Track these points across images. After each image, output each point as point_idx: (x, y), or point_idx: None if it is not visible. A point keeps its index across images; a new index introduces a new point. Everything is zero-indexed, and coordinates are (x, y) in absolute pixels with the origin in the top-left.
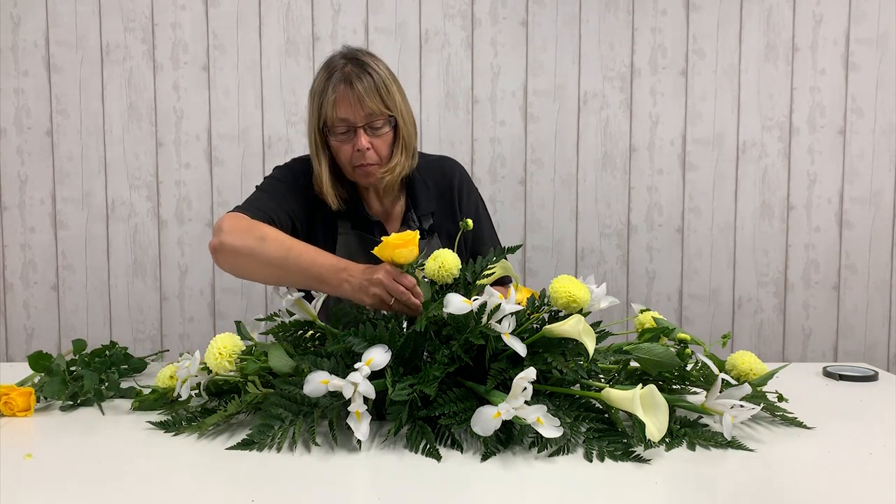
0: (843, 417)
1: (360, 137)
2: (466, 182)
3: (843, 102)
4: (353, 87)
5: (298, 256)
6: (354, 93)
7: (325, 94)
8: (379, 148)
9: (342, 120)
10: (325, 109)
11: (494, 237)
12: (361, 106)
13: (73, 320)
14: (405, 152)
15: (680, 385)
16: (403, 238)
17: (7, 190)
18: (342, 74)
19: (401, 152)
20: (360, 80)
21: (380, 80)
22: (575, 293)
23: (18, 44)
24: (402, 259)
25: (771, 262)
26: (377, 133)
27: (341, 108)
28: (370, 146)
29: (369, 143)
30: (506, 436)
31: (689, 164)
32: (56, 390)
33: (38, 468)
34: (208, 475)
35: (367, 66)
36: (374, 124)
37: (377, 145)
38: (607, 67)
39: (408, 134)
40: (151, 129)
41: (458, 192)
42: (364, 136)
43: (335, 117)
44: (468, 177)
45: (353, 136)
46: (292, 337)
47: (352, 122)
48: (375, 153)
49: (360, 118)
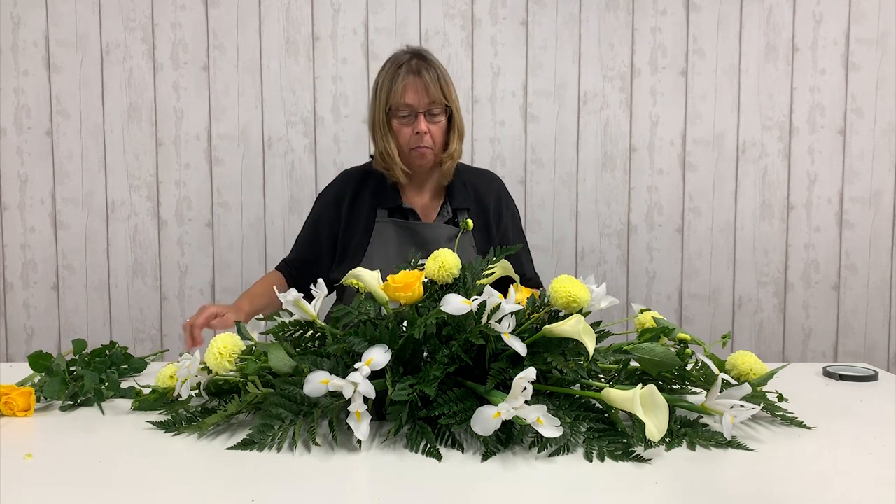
0: (843, 417)
1: (421, 121)
2: (506, 193)
3: (843, 102)
4: (420, 77)
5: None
6: (422, 81)
7: (395, 81)
8: (434, 134)
9: (407, 105)
10: (393, 95)
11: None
12: (427, 93)
13: (73, 320)
14: (459, 140)
15: (680, 385)
16: (405, 281)
17: (7, 190)
18: (409, 67)
19: (456, 139)
20: (427, 71)
21: (442, 73)
22: (575, 293)
23: (18, 44)
24: (405, 301)
25: (771, 262)
26: (434, 120)
27: (409, 94)
28: (428, 131)
29: (427, 128)
30: (506, 436)
31: (689, 164)
32: (56, 390)
33: (38, 468)
34: (208, 475)
35: (431, 62)
36: (433, 111)
37: (433, 131)
38: (607, 67)
39: (461, 125)
40: (151, 129)
41: (505, 203)
42: (423, 121)
43: (402, 102)
44: (510, 195)
45: (413, 119)
46: (292, 337)
47: (415, 108)
48: (431, 138)
49: (423, 105)
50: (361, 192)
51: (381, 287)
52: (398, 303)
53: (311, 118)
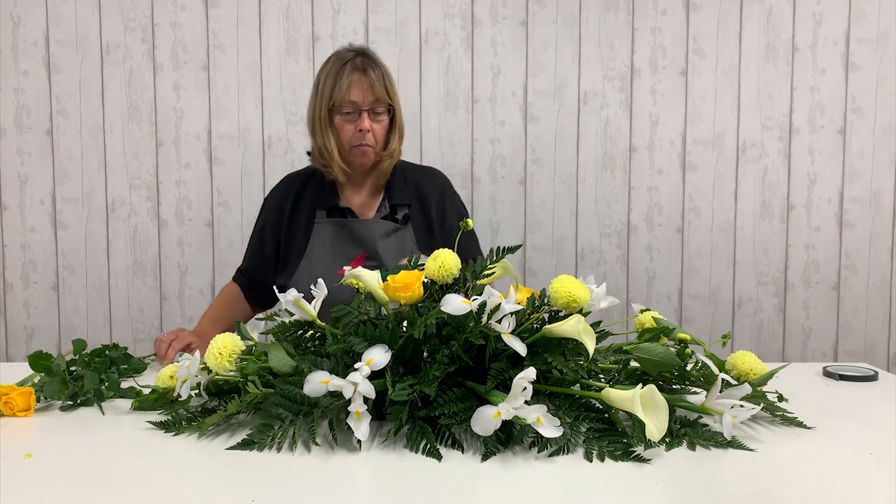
0: (843, 417)
1: (364, 119)
2: (451, 190)
3: (843, 102)
4: (366, 75)
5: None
6: (367, 79)
7: (339, 78)
8: (377, 132)
9: (351, 102)
10: (338, 91)
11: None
12: (371, 91)
13: (73, 320)
14: (400, 140)
15: (680, 385)
16: (405, 281)
17: (7, 190)
18: (355, 64)
19: (397, 139)
20: (372, 69)
21: (386, 72)
22: (575, 293)
23: (18, 44)
24: (405, 301)
25: (771, 262)
26: (377, 118)
27: (354, 91)
28: (370, 129)
29: (370, 126)
30: (506, 436)
31: (689, 164)
32: (56, 390)
33: (38, 468)
34: (208, 475)
35: (376, 61)
36: (377, 109)
37: (375, 130)
38: (607, 67)
39: (401, 125)
40: (151, 129)
41: (440, 195)
42: (367, 119)
43: (346, 99)
44: (456, 192)
45: (356, 117)
46: (292, 337)
47: (359, 105)
48: (373, 136)
49: (367, 102)
50: (303, 195)
51: (381, 287)
52: (398, 303)
53: None
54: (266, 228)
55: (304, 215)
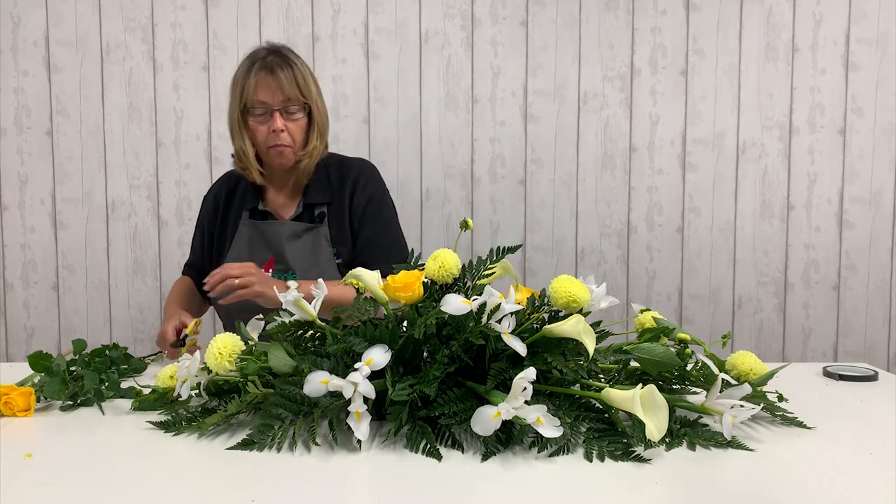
0: (843, 417)
1: (276, 119)
2: (365, 180)
3: (843, 102)
4: (273, 74)
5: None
6: (275, 79)
7: (247, 78)
8: (293, 132)
9: (261, 103)
10: (246, 92)
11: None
12: (280, 91)
13: (73, 320)
14: (320, 139)
15: (680, 385)
16: (405, 281)
17: (7, 190)
18: (263, 63)
19: (316, 137)
20: (280, 68)
21: (298, 70)
22: (575, 293)
23: (18, 44)
24: (405, 301)
25: (771, 262)
26: (292, 118)
27: (261, 91)
28: (284, 128)
29: (284, 125)
30: (506, 436)
31: (689, 164)
32: (56, 390)
33: (38, 468)
34: (208, 475)
35: (288, 59)
36: (290, 109)
37: (291, 129)
38: (607, 67)
39: (322, 123)
40: (151, 129)
41: (353, 185)
42: (279, 118)
43: (255, 100)
44: (374, 178)
45: (269, 118)
46: (292, 337)
47: (269, 105)
48: (289, 136)
49: (278, 102)
50: (234, 194)
51: (381, 287)
52: (398, 303)
53: None
54: (202, 224)
55: (233, 215)
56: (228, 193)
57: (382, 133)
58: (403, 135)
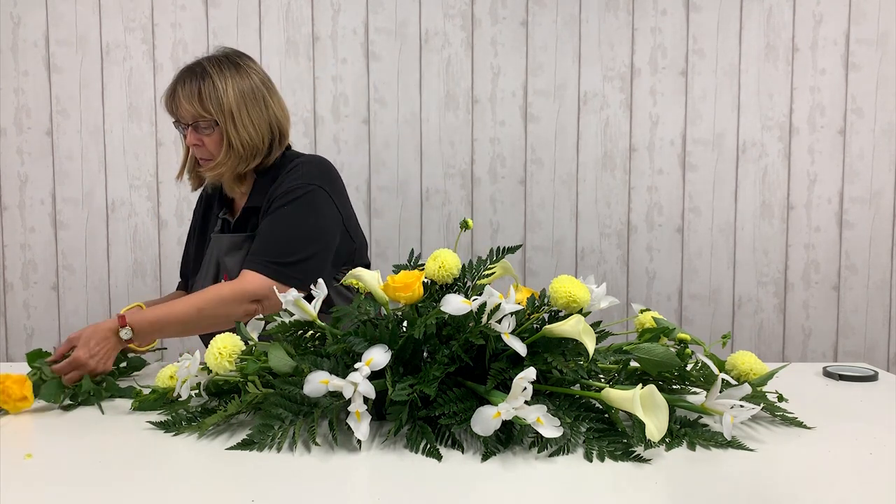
0: (843, 417)
1: (190, 134)
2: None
3: (843, 102)
4: (174, 91)
5: None
6: (175, 96)
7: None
8: (209, 145)
9: (177, 118)
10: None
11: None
12: (181, 108)
13: (73, 320)
14: (234, 155)
15: (680, 385)
16: (405, 281)
17: (7, 190)
18: (179, 75)
19: (226, 154)
20: (183, 84)
21: (209, 84)
22: (575, 293)
23: (18, 44)
24: (405, 301)
25: (771, 262)
26: (203, 133)
27: (169, 108)
28: (200, 143)
29: (199, 139)
30: (506, 436)
31: (689, 164)
32: (52, 394)
33: (38, 468)
34: (208, 475)
35: (204, 71)
36: (200, 124)
37: (206, 143)
38: (607, 67)
39: (238, 137)
40: (151, 129)
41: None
42: (193, 134)
43: (174, 115)
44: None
45: (186, 131)
46: (292, 337)
47: (183, 120)
48: (207, 149)
49: (188, 118)
50: (212, 204)
51: (381, 287)
52: (398, 303)
53: (310, 118)
54: (189, 233)
55: (211, 223)
56: (207, 203)
57: (382, 133)
58: (403, 135)
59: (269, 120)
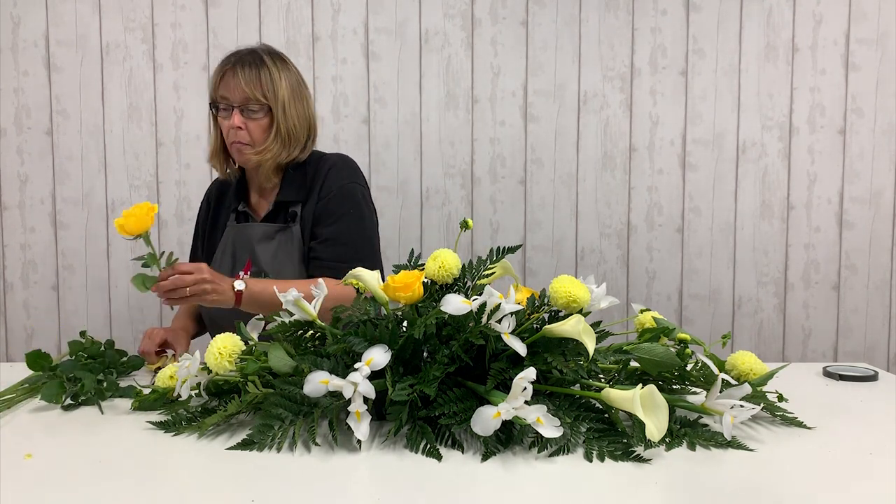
0: (843, 417)
1: (235, 116)
2: (334, 174)
3: (843, 102)
4: (235, 72)
5: None
6: (235, 77)
7: (217, 73)
8: (252, 130)
9: (223, 97)
10: (213, 87)
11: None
12: (238, 89)
13: (73, 320)
14: (281, 142)
15: (680, 385)
16: (405, 281)
17: (7, 190)
18: (234, 58)
19: (275, 140)
20: (245, 66)
21: (266, 72)
22: (575, 293)
23: (18, 44)
24: (405, 301)
25: (771, 262)
26: (252, 116)
27: (223, 86)
28: (243, 126)
29: (243, 123)
30: (506, 436)
31: (689, 164)
32: (53, 394)
33: (38, 468)
34: (208, 475)
35: (261, 60)
36: (250, 107)
37: (251, 127)
38: (607, 67)
39: (287, 127)
40: (151, 129)
41: (322, 180)
42: (238, 116)
43: (219, 94)
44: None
45: (229, 114)
46: (292, 337)
47: (230, 102)
48: (248, 134)
49: (238, 99)
50: (224, 197)
51: (381, 287)
52: (398, 303)
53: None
54: (196, 231)
55: (222, 217)
56: (219, 195)
57: (382, 133)
58: (403, 135)
59: (307, 116)
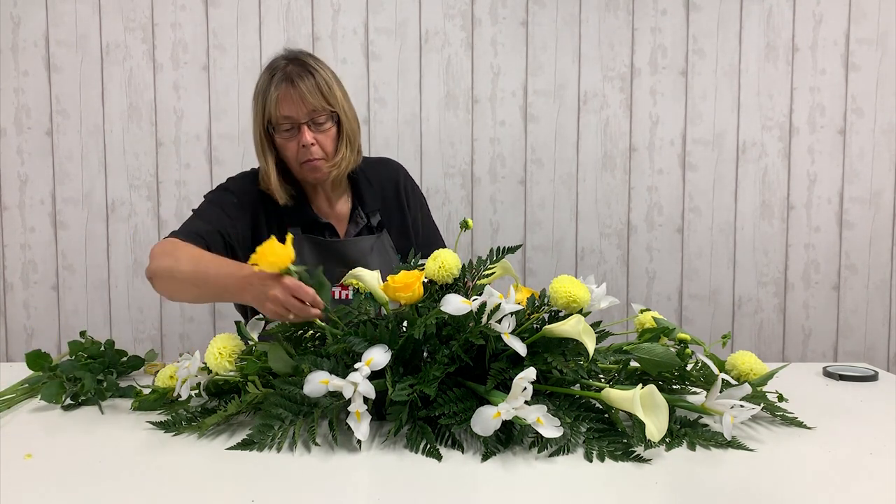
0: (843, 417)
1: (305, 133)
2: (410, 181)
3: (843, 102)
4: (294, 86)
5: (206, 269)
6: (297, 91)
7: (268, 93)
8: (323, 143)
9: (286, 118)
10: (268, 108)
11: (439, 236)
12: (304, 103)
13: (73, 320)
14: (350, 147)
15: (680, 385)
16: (405, 281)
17: (7, 190)
18: (283, 74)
19: (345, 147)
20: (301, 78)
21: (321, 78)
22: (575, 293)
23: (18, 44)
24: (405, 301)
25: (771, 262)
26: (321, 129)
27: (284, 105)
28: (315, 142)
29: (314, 138)
30: (506, 436)
31: (689, 164)
32: (53, 394)
33: (38, 468)
34: (208, 475)
35: (308, 66)
36: (318, 120)
37: (321, 140)
38: (607, 67)
39: (351, 129)
40: (151, 129)
41: (403, 189)
42: (308, 132)
43: (279, 115)
44: (411, 177)
45: (297, 132)
46: (292, 337)
47: (295, 119)
48: (321, 148)
49: (303, 115)
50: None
51: (381, 287)
52: (398, 303)
53: None
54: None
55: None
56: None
57: (382, 133)
58: (403, 135)
59: (355, 111)
